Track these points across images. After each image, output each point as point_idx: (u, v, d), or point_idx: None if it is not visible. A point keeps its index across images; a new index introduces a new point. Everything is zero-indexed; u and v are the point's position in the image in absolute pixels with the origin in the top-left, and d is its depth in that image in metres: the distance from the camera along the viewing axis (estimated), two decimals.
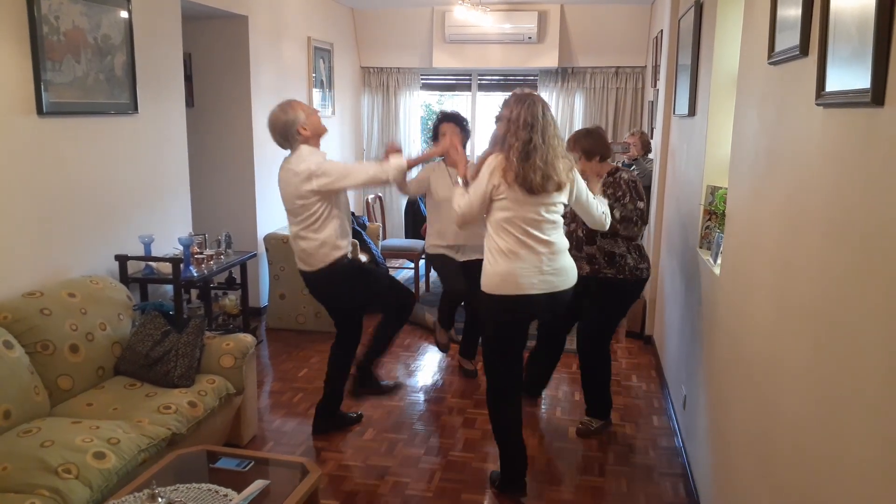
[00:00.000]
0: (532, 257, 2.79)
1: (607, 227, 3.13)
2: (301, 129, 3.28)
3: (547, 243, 2.81)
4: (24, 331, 2.84)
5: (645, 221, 3.42)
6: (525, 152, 2.71)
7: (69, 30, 3.31)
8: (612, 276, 3.40)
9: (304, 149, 3.30)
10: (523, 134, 2.72)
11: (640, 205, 3.37)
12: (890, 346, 1.23)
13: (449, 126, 4.12)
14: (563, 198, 2.84)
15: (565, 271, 2.89)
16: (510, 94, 2.87)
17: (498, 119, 2.89)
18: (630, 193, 3.36)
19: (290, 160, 3.33)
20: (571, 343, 4.08)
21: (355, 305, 3.56)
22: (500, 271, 2.80)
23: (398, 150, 3.45)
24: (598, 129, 3.58)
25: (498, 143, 2.82)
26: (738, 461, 2.29)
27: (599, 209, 3.04)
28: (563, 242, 2.91)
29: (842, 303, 1.46)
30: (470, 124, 4.37)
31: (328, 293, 3.49)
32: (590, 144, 3.41)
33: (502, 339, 2.97)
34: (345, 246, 3.38)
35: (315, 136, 3.34)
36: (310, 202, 3.25)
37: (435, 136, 4.24)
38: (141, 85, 3.86)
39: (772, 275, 2.01)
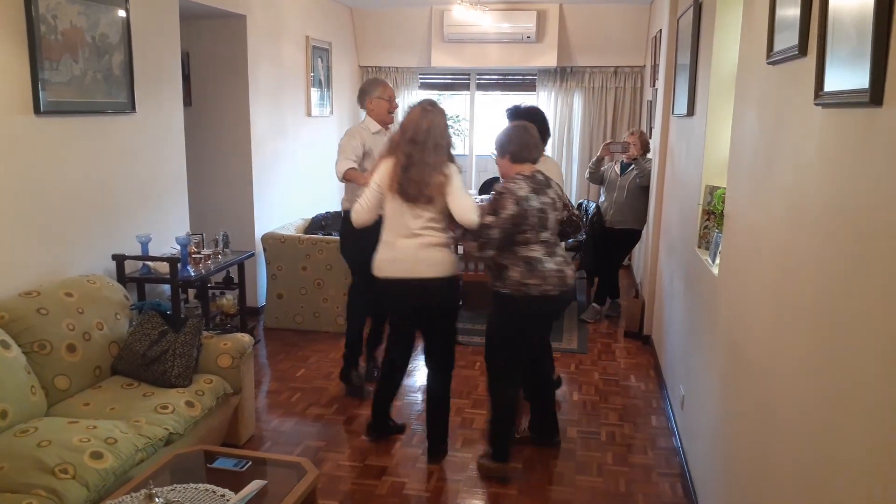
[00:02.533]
0: (399, 248, 3.17)
1: (474, 223, 3.04)
2: (369, 102, 3.98)
3: (415, 236, 3.14)
4: (20, 330, 2.84)
5: (484, 236, 3.03)
6: (405, 166, 3.09)
7: (67, 29, 3.30)
8: (498, 287, 3.17)
9: (367, 119, 4.02)
10: (407, 148, 3.10)
11: (489, 220, 3.03)
12: (888, 344, 1.23)
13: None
14: (437, 207, 3.11)
15: (425, 261, 3.15)
16: (418, 104, 3.25)
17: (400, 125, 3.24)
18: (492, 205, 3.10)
19: None
20: (570, 343, 4.09)
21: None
22: (379, 257, 3.24)
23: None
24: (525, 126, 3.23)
25: (390, 148, 3.23)
26: (736, 461, 2.29)
27: (465, 208, 3.07)
28: (435, 238, 3.16)
29: (840, 302, 1.46)
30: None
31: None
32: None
33: (391, 315, 3.50)
34: None
35: (377, 118, 3.98)
36: None
37: None
38: (139, 84, 3.85)
39: (770, 274, 2.01)
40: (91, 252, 3.61)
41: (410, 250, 3.15)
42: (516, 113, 3.77)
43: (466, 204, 3.09)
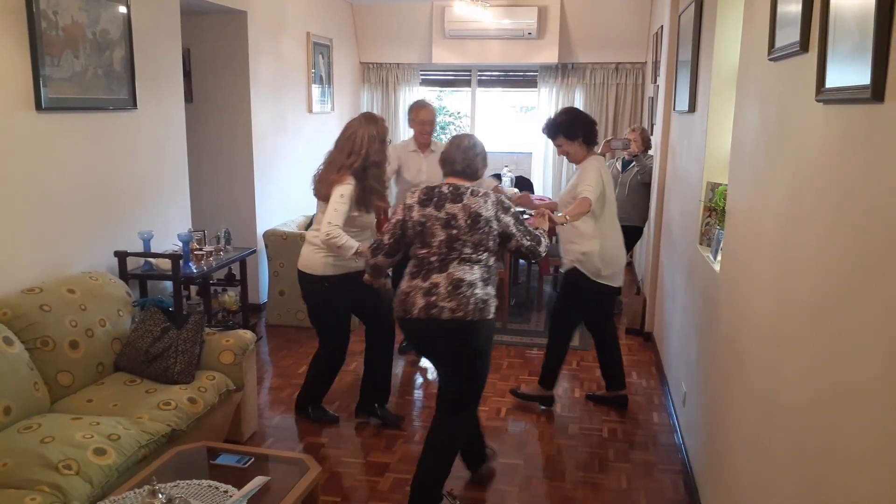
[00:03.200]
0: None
1: (317, 238, 3.35)
2: (410, 124, 4.26)
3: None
4: (23, 327, 2.84)
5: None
6: (324, 162, 3.44)
7: (68, 25, 3.30)
8: None
9: (411, 138, 4.44)
10: (332, 148, 3.45)
11: (386, 225, 3.00)
12: (890, 341, 1.23)
13: None
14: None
15: (302, 253, 3.50)
16: (361, 114, 3.49)
17: None
18: None
19: None
20: (572, 340, 4.09)
21: None
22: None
23: None
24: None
25: None
26: (738, 457, 2.30)
27: (325, 218, 3.26)
28: (312, 235, 3.43)
29: (842, 299, 1.46)
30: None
31: None
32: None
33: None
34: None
35: (415, 139, 4.25)
36: None
37: None
38: (140, 80, 3.85)
39: (772, 271, 2.01)
40: (93, 249, 3.62)
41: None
42: (549, 127, 3.75)
43: (327, 216, 3.24)
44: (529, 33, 6.88)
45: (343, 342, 3.64)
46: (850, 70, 1.43)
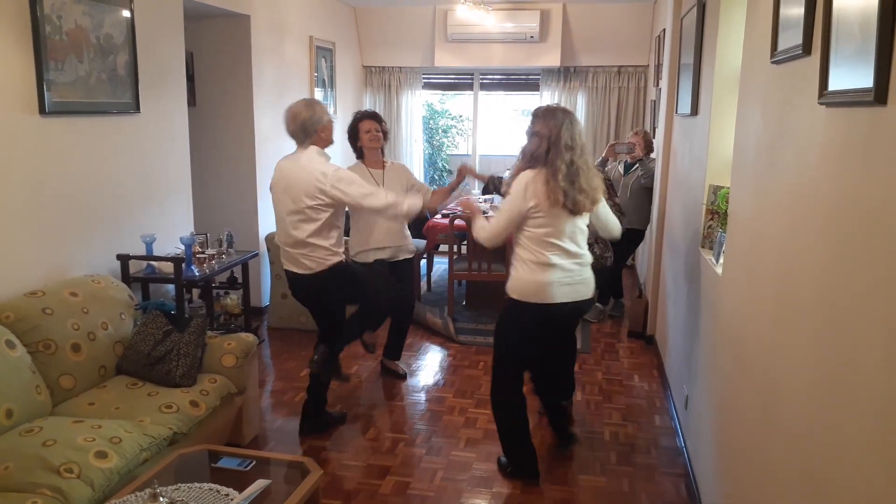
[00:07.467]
0: (564, 268, 2.93)
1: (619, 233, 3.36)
2: (321, 130, 3.36)
3: (578, 255, 2.98)
4: (26, 330, 2.85)
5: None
6: (570, 175, 2.81)
7: (71, 29, 3.31)
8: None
9: (314, 149, 3.36)
10: (567, 156, 2.81)
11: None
12: (892, 343, 1.22)
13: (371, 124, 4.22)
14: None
15: (588, 282, 3.05)
16: (542, 108, 2.97)
17: (533, 134, 2.92)
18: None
19: (298, 157, 3.34)
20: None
21: (340, 305, 3.65)
22: (536, 280, 2.92)
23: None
24: None
25: (536, 159, 2.87)
26: (740, 460, 2.29)
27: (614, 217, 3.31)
28: (588, 254, 3.06)
29: (844, 302, 1.46)
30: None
31: (318, 295, 3.53)
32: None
33: (521, 344, 3.11)
34: (342, 253, 3.45)
35: (327, 142, 3.43)
36: (319, 206, 3.26)
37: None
38: (143, 84, 3.86)
39: (774, 274, 2.00)
40: (96, 252, 3.62)
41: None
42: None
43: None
44: (532, 37, 6.88)
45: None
46: (852, 73, 1.43)
